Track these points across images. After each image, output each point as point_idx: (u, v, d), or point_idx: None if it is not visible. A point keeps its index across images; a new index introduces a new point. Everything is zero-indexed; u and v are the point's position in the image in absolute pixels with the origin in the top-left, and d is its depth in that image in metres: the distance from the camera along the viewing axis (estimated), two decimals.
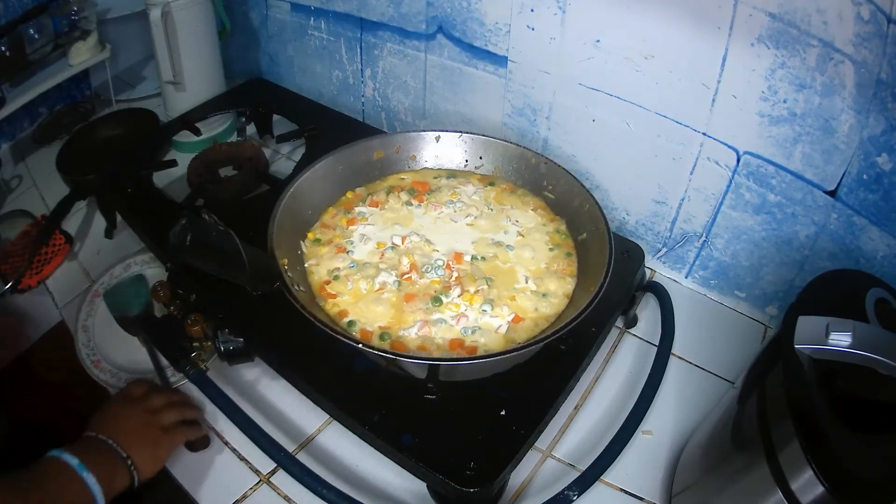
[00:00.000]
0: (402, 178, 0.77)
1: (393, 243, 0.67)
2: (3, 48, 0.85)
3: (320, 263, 0.65)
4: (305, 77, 1.09)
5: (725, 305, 0.80)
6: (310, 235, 0.69)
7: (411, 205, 0.72)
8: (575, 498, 0.57)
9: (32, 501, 0.49)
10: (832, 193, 0.65)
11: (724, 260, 0.78)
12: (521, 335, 0.59)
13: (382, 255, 0.66)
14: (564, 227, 0.70)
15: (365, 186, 0.75)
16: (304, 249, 0.67)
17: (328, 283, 0.63)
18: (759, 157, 0.68)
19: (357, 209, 0.71)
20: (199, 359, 0.67)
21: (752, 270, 0.76)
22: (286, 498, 0.60)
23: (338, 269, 0.64)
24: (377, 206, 0.72)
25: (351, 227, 0.69)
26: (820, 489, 0.39)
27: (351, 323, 0.60)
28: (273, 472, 0.61)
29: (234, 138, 1.00)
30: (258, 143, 0.96)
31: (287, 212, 0.66)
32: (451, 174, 0.77)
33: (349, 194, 0.74)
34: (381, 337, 0.58)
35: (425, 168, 0.78)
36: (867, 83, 0.57)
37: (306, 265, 0.65)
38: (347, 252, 0.66)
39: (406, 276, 0.63)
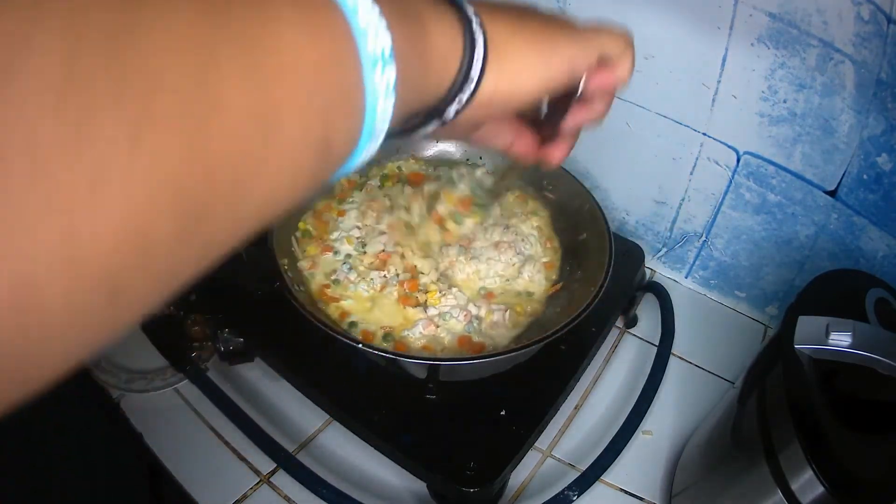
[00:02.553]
0: (399, 168, 0.76)
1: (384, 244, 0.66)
2: None
3: (316, 266, 0.64)
4: None
5: (725, 305, 0.80)
6: (300, 225, 0.67)
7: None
8: (575, 498, 0.57)
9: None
10: (832, 193, 0.65)
11: (724, 260, 0.78)
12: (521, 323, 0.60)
13: (378, 256, 0.65)
14: (560, 255, 0.69)
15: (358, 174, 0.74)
16: (296, 245, 0.66)
17: (328, 286, 0.63)
18: (759, 157, 0.68)
19: (349, 202, 0.70)
20: (199, 359, 0.67)
21: (752, 270, 0.76)
22: (286, 498, 0.60)
23: (335, 271, 0.64)
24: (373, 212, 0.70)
25: (341, 218, 0.69)
26: (820, 489, 0.39)
27: (353, 324, 0.60)
28: (273, 472, 0.61)
29: None
30: None
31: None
32: (452, 165, 0.76)
33: (344, 182, 0.73)
34: (385, 338, 0.58)
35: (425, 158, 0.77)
36: (867, 83, 0.57)
37: (298, 265, 0.64)
38: (334, 253, 0.65)
39: (393, 277, 0.63)
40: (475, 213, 0.63)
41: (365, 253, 0.65)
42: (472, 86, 0.28)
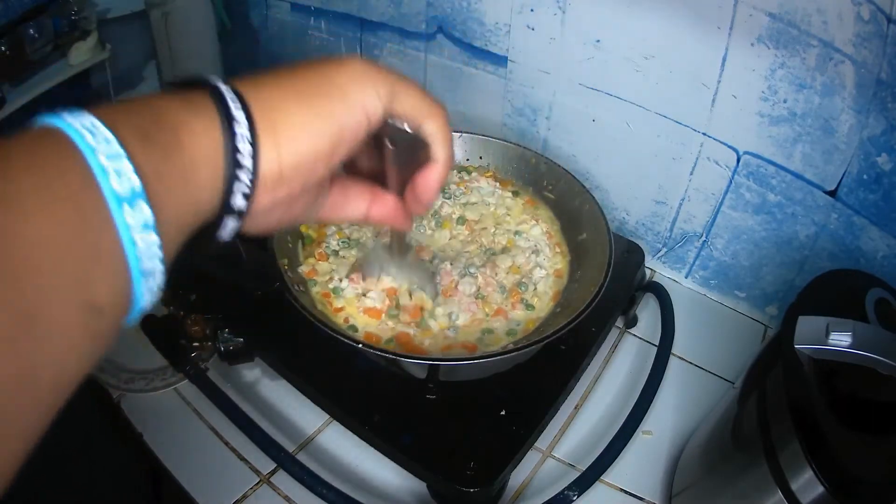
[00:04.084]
0: None
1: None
2: (3, 48, 0.85)
3: (316, 272, 0.64)
4: None
5: (725, 305, 0.80)
6: (302, 228, 0.67)
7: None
8: (575, 498, 0.57)
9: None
10: (832, 193, 0.65)
11: (724, 260, 0.78)
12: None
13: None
14: (568, 261, 0.67)
15: None
16: (300, 251, 0.66)
17: (327, 294, 0.62)
18: (759, 157, 0.68)
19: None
20: (199, 359, 0.67)
21: (752, 270, 0.76)
22: (286, 498, 0.60)
23: (337, 284, 0.63)
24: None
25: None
26: (820, 489, 0.39)
27: (352, 328, 0.59)
28: (273, 472, 0.61)
29: None
30: None
31: None
32: (462, 168, 0.76)
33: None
34: (388, 341, 0.58)
35: None
36: (867, 83, 0.57)
37: (300, 269, 0.64)
38: (328, 259, 0.65)
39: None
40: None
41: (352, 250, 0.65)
42: (249, 171, 0.26)
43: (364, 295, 0.60)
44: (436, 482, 0.55)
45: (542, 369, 0.60)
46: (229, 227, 0.27)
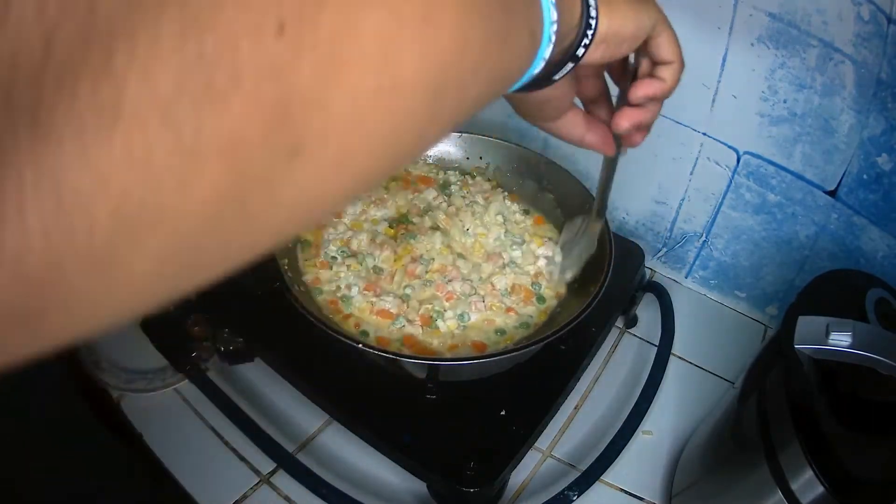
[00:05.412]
0: (408, 171, 0.76)
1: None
2: None
3: (320, 280, 0.64)
4: None
5: (725, 305, 0.80)
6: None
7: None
8: (575, 498, 0.57)
9: None
10: (832, 193, 0.65)
11: (724, 260, 0.78)
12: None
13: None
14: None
15: None
16: (300, 255, 0.65)
17: (334, 302, 0.62)
18: (759, 157, 0.68)
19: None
20: (199, 359, 0.67)
21: (752, 270, 0.76)
22: (286, 498, 0.60)
23: (339, 287, 0.63)
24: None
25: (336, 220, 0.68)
26: (820, 489, 0.39)
27: (364, 333, 0.59)
28: (273, 472, 0.61)
29: None
30: None
31: None
32: (463, 172, 0.76)
33: None
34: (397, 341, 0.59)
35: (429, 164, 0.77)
36: (867, 83, 0.57)
37: (304, 278, 0.64)
38: (330, 267, 0.65)
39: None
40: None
41: (352, 257, 0.65)
42: (593, 26, 0.35)
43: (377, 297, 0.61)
44: (436, 482, 0.55)
45: (542, 369, 0.60)
46: (566, 69, 0.36)
